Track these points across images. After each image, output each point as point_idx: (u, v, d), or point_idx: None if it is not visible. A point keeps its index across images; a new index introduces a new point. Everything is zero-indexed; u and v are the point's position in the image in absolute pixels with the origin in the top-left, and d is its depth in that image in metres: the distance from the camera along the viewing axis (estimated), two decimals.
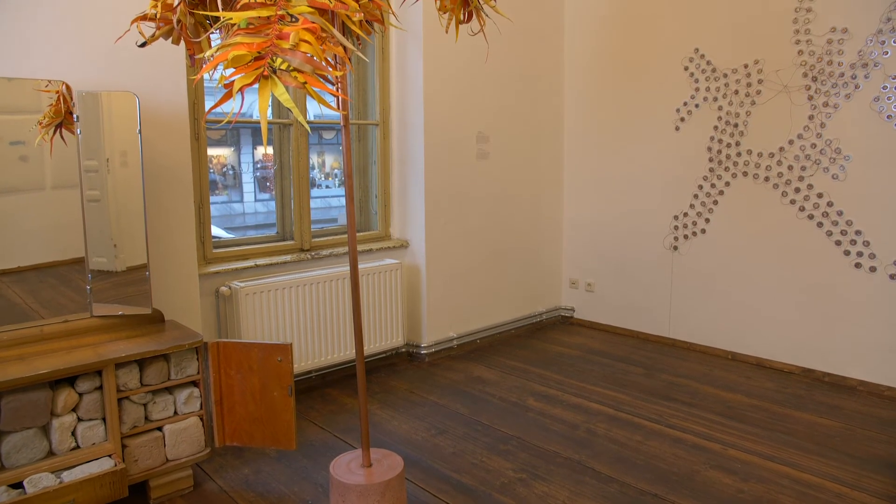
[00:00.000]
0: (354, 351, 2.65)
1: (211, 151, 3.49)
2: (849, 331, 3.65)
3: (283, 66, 1.37)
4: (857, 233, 3.57)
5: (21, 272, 2.49)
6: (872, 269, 3.53)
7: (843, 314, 3.66)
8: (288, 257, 3.61)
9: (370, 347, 3.88)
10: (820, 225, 3.70)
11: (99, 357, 2.29)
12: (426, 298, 4.15)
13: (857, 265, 3.58)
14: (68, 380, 2.27)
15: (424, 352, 4.16)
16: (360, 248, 3.93)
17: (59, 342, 2.44)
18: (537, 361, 4.14)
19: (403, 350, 4.21)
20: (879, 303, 3.52)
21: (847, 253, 3.61)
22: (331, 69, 1.46)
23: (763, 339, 4.00)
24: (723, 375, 3.84)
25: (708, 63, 4.10)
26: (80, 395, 2.28)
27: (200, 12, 1.87)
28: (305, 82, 1.37)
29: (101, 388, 2.31)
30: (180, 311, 3.00)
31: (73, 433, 2.27)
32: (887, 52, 3.39)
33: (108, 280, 2.64)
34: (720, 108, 4.07)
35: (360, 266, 3.76)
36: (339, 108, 1.87)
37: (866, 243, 3.54)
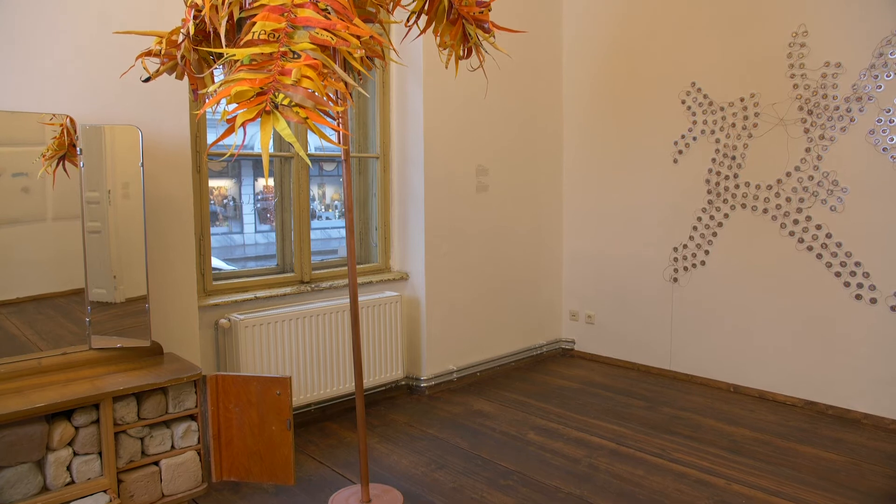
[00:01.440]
0: (354, 384, 2.63)
1: (212, 183, 3.52)
2: (851, 363, 3.63)
3: (285, 102, 1.39)
4: (857, 264, 3.57)
5: (20, 303, 2.49)
6: (873, 301, 3.52)
7: (844, 346, 3.65)
8: (288, 289, 3.61)
9: (370, 380, 3.85)
10: (819, 256, 3.71)
11: (96, 390, 2.27)
12: (426, 331, 4.13)
13: (858, 297, 3.57)
14: (65, 413, 2.25)
15: (424, 385, 4.13)
16: (360, 280, 3.93)
17: (57, 375, 2.43)
18: (538, 394, 4.10)
19: (403, 383, 4.18)
20: (881, 334, 3.51)
21: (847, 284, 3.61)
22: (332, 104, 1.48)
23: (765, 372, 3.98)
24: (725, 408, 3.81)
25: (705, 97, 4.15)
26: (77, 428, 2.26)
27: (204, 49, 1.90)
28: (307, 117, 1.39)
29: (97, 421, 2.29)
30: (179, 344, 2.99)
31: (69, 468, 2.24)
32: (880, 87, 3.44)
33: (106, 311, 2.63)
34: (717, 140, 4.11)
35: (360, 298, 3.75)
36: (340, 142, 1.89)
37: (866, 275, 3.54)
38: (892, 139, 3.41)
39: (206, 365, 3.27)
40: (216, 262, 4.10)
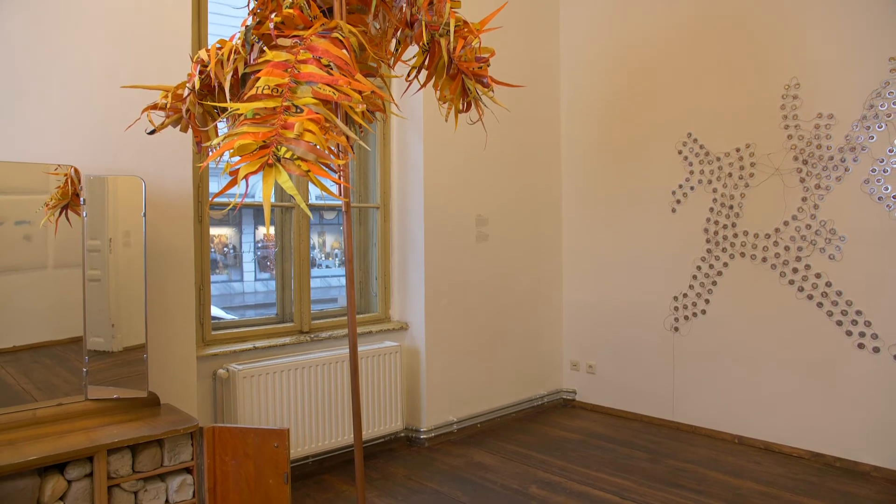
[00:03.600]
0: (353, 436, 2.60)
1: (212, 231, 3.54)
2: (857, 413, 3.58)
3: (288, 155, 1.41)
4: (858, 313, 3.56)
5: (16, 352, 2.47)
6: (876, 350, 3.50)
7: (850, 396, 3.61)
8: (287, 339, 3.59)
9: (368, 432, 3.79)
10: (820, 305, 3.70)
11: (91, 442, 2.24)
12: (426, 382, 4.09)
13: (860, 346, 3.55)
14: (57, 466, 2.21)
15: (424, 436, 4.07)
16: (359, 330, 3.91)
17: (52, 426, 2.39)
18: (539, 446, 4.03)
19: (402, 434, 4.11)
20: (886, 384, 3.47)
21: (849, 333, 3.59)
22: (334, 158, 1.50)
23: (770, 422, 3.92)
24: (730, 460, 3.74)
25: (701, 147, 4.21)
26: (69, 482, 2.21)
27: (209, 103, 1.94)
28: (309, 170, 1.41)
29: (91, 474, 2.25)
30: (177, 394, 2.95)
31: None
32: (873, 137, 3.49)
33: (104, 360, 2.61)
34: (715, 190, 4.15)
35: (360, 349, 3.73)
36: (341, 195, 1.91)
37: (868, 323, 3.53)
38: (887, 188, 3.45)
39: (204, 416, 3.22)
40: (215, 311, 4.08)
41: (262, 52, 1.85)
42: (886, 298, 3.47)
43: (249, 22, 1.97)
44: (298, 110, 1.51)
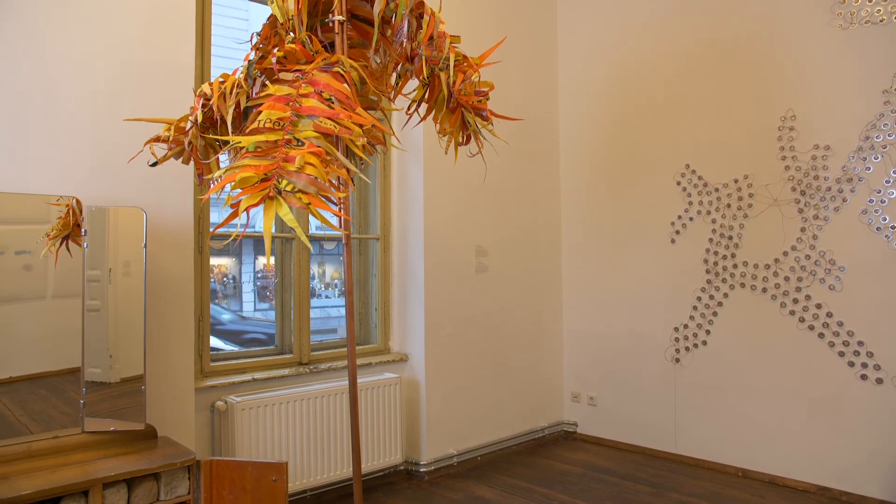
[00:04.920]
0: (352, 469, 2.57)
1: (212, 261, 3.54)
2: (862, 445, 3.54)
3: (289, 188, 1.42)
4: (860, 343, 3.54)
5: (12, 383, 2.45)
6: (879, 381, 3.47)
7: (854, 428, 3.57)
8: (286, 371, 3.56)
9: (367, 465, 3.74)
10: (821, 336, 3.69)
11: (86, 476, 2.21)
12: (425, 414, 4.05)
13: (863, 377, 3.53)
14: (52, 501, 2.17)
15: (423, 470, 4.01)
16: (359, 361, 3.89)
17: (47, 460, 2.37)
18: (540, 480, 3.98)
19: (402, 468, 4.06)
20: (890, 416, 3.44)
21: (851, 364, 3.57)
22: (334, 190, 1.51)
23: (774, 455, 3.87)
24: (735, 495, 3.68)
25: (699, 178, 4.24)
26: None
27: (211, 136, 1.96)
28: (310, 203, 1.42)
29: None
30: (174, 426, 2.92)
31: None
32: (869, 168, 3.52)
33: (101, 391, 2.59)
34: (714, 221, 4.17)
35: (359, 380, 3.70)
36: (341, 227, 1.92)
37: (870, 354, 3.51)
38: (885, 219, 3.47)
39: (201, 448, 3.18)
40: (214, 342, 4.07)
41: (264, 85, 1.87)
42: (888, 329, 3.46)
43: (252, 56, 2.01)
44: (300, 143, 1.52)
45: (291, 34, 1.98)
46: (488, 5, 4.58)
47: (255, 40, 2.09)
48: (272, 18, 2.05)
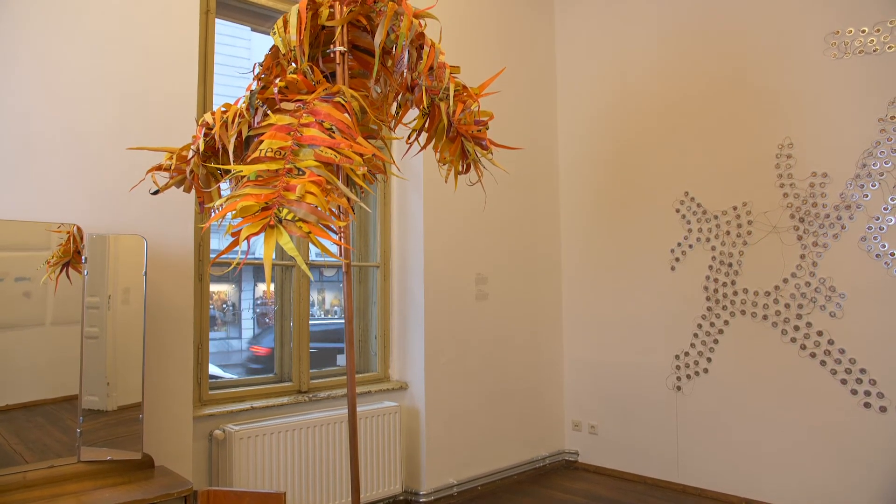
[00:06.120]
0: (351, 499, 2.54)
1: (212, 287, 3.54)
2: (869, 474, 3.50)
3: (289, 217, 1.43)
4: (862, 371, 3.52)
5: (9, 411, 2.43)
6: (883, 409, 3.45)
7: (860, 457, 3.53)
8: (285, 399, 3.54)
9: (367, 495, 3.69)
10: (823, 364, 3.67)
11: None
12: (425, 443, 4.01)
13: (867, 405, 3.50)
14: None
15: (423, 499, 3.96)
16: (358, 389, 3.86)
17: (42, 490, 2.34)
18: None
19: (402, 498, 4.01)
20: (895, 444, 3.40)
21: (854, 392, 3.55)
22: (335, 219, 1.52)
23: (779, 484, 3.82)
24: None
25: (699, 205, 4.26)
26: None
27: (213, 165, 1.98)
28: (310, 232, 1.42)
29: None
30: (172, 456, 2.89)
31: None
32: (867, 195, 3.54)
33: (97, 420, 2.57)
34: (713, 248, 4.17)
35: (359, 409, 3.68)
36: (341, 255, 1.93)
37: (872, 382, 3.49)
38: (884, 246, 3.47)
39: (199, 478, 3.15)
40: (212, 370, 4.05)
41: (265, 115, 1.89)
42: (890, 356, 3.44)
43: (254, 86, 2.03)
44: (300, 172, 1.53)
45: (293, 64, 2.01)
46: (487, 36, 4.64)
47: (257, 70, 2.12)
48: (274, 49, 2.08)
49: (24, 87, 2.61)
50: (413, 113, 2.27)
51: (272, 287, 3.93)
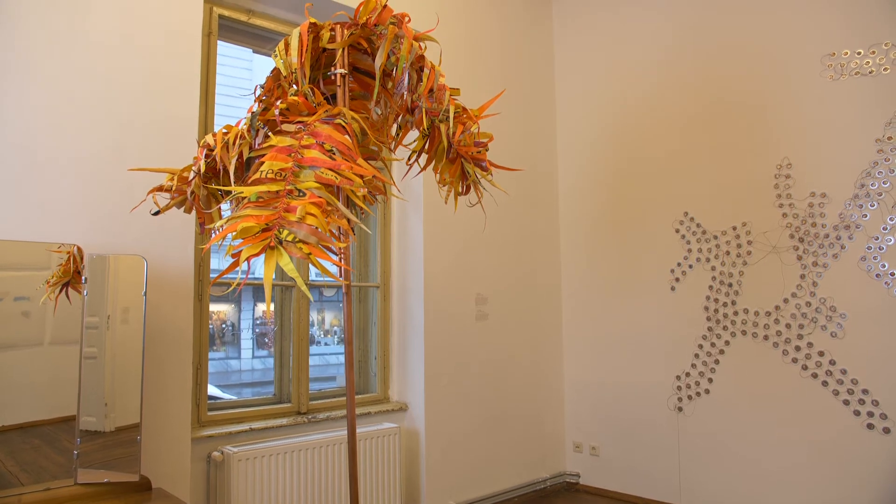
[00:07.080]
0: None
1: (211, 307, 3.53)
2: (870, 496, 3.46)
3: (290, 238, 1.43)
4: (864, 391, 3.51)
5: (5, 432, 2.42)
6: (886, 431, 3.42)
7: (866, 480, 3.50)
8: (284, 420, 3.51)
9: None
10: (825, 384, 3.65)
11: None
12: (425, 465, 3.98)
13: (870, 426, 3.48)
14: None
15: None
16: (358, 410, 3.84)
17: None
18: None
19: None
20: None
21: (857, 413, 3.53)
22: (335, 241, 1.52)
23: None
24: None
25: (698, 226, 4.27)
26: None
27: (213, 186, 1.98)
28: (310, 253, 1.43)
29: None
30: (169, 477, 2.87)
31: None
32: (866, 216, 3.55)
33: (94, 441, 2.55)
34: (713, 268, 4.18)
35: (358, 430, 3.65)
36: (341, 277, 1.93)
37: (875, 402, 3.47)
38: (884, 266, 3.47)
39: (197, 500, 3.12)
40: (211, 390, 4.04)
41: (266, 137, 1.91)
42: (892, 377, 3.42)
43: (255, 108, 2.05)
44: (301, 194, 1.54)
45: (294, 87, 2.02)
46: (487, 59, 4.68)
47: (258, 92, 2.14)
48: (275, 71, 2.10)
49: (26, 108, 2.63)
50: (413, 134, 2.29)
51: (272, 307, 3.92)
